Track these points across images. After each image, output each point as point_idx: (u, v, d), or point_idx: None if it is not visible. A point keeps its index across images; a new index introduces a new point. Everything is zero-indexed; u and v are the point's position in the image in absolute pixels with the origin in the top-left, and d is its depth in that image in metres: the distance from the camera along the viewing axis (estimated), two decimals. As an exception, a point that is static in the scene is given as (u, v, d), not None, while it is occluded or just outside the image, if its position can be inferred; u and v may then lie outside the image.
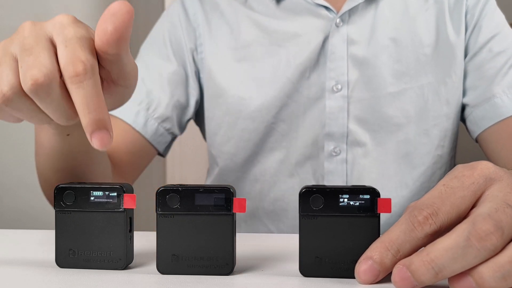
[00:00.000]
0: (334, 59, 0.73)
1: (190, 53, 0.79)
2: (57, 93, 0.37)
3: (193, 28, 0.80)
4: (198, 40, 0.79)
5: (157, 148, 0.78)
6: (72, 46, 0.37)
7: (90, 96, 0.36)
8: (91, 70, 0.37)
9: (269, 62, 0.75)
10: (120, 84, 0.42)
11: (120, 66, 0.40)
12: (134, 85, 0.44)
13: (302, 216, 0.38)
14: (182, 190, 0.38)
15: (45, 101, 0.37)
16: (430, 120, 0.73)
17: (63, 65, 0.37)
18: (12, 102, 0.38)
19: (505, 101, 0.71)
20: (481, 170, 0.36)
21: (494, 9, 0.76)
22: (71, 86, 0.37)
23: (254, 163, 0.77)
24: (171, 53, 0.79)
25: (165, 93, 0.77)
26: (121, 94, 0.43)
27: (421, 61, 0.73)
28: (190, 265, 0.38)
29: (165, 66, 0.78)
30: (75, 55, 0.37)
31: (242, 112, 0.75)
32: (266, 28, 0.76)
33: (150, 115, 0.75)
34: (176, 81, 0.78)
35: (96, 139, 0.37)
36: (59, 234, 0.40)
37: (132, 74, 0.42)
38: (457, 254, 0.32)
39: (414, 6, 0.75)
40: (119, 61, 0.39)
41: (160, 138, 0.77)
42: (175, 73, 0.78)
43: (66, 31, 0.38)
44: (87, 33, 0.39)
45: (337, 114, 0.73)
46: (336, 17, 0.74)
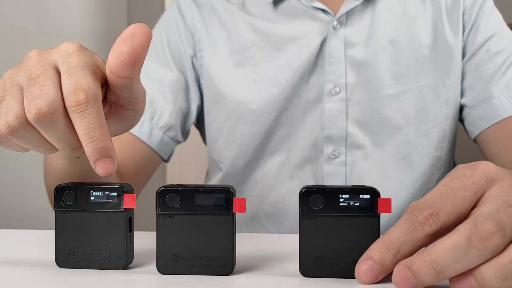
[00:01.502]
0: (332, 62, 0.73)
1: (189, 60, 0.79)
2: (61, 122, 0.37)
3: (192, 34, 0.79)
4: (197, 46, 0.79)
5: (162, 156, 0.78)
6: (75, 75, 0.37)
7: (93, 125, 0.36)
8: (93, 98, 0.37)
9: (268, 66, 0.75)
10: (128, 109, 0.42)
11: (130, 91, 0.40)
12: (142, 109, 0.44)
13: (302, 216, 0.38)
14: (182, 190, 0.38)
15: (49, 131, 0.37)
16: (429, 121, 0.73)
17: (65, 95, 0.37)
18: (18, 132, 0.38)
19: (503, 101, 0.71)
20: (482, 170, 0.36)
21: (491, 10, 0.76)
22: (73, 115, 0.37)
23: (255, 167, 0.77)
24: (170, 60, 0.79)
25: (167, 101, 0.77)
26: (129, 118, 0.43)
27: (419, 62, 0.73)
28: (190, 265, 0.38)
29: (165, 74, 0.78)
30: (77, 84, 0.37)
31: (242, 117, 0.75)
32: (264, 32, 0.76)
33: (154, 124, 0.75)
34: (177, 89, 0.78)
35: (99, 168, 0.37)
36: (59, 234, 0.40)
37: (140, 99, 0.42)
38: (458, 254, 0.31)
39: (412, 7, 0.75)
40: (131, 85, 0.39)
41: (166, 147, 0.77)
42: (176, 80, 0.78)
43: (70, 60, 0.38)
44: (91, 60, 0.39)
45: (336, 117, 0.73)
46: (334, 20, 0.74)
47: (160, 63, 0.79)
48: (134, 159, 0.75)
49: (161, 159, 0.79)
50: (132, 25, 0.37)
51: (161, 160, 0.79)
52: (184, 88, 0.79)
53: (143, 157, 0.76)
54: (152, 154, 0.77)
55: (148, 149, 0.76)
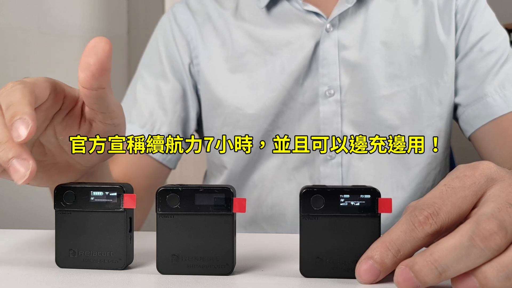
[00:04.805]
0: (326, 65, 0.73)
1: (187, 67, 0.79)
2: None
3: (187, 41, 0.80)
4: (193, 53, 0.80)
5: (168, 166, 0.79)
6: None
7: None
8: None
9: (263, 71, 0.75)
10: (108, 123, 0.43)
11: (106, 104, 0.41)
12: (122, 124, 0.44)
13: (303, 216, 0.38)
14: (182, 190, 0.38)
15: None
16: (423, 121, 0.74)
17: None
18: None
19: (497, 100, 0.71)
20: (483, 170, 0.36)
21: (484, 8, 0.76)
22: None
23: (253, 170, 0.77)
24: (168, 69, 0.79)
25: (166, 111, 0.77)
26: (112, 132, 0.44)
27: (412, 63, 0.73)
28: (190, 265, 0.38)
29: (163, 85, 0.79)
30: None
31: (240, 122, 0.76)
32: (258, 38, 0.77)
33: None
34: (175, 97, 0.78)
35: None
36: (59, 234, 0.40)
37: (117, 112, 0.43)
38: (461, 254, 0.31)
39: (404, 8, 0.75)
40: (105, 97, 0.40)
41: (170, 157, 0.78)
42: (174, 89, 0.78)
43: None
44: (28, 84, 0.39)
45: (331, 118, 0.73)
46: (327, 23, 0.74)
47: (157, 74, 0.79)
48: (144, 173, 0.76)
49: (169, 169, 0.80)
50: (93, 39, 0.38)
51: (169, 170, 0.80)
52: (182, 96, 0.79)
53: (151, 170, 0.77)
54: (159, 166, 0.78)
55: (154, 161, 0.77)
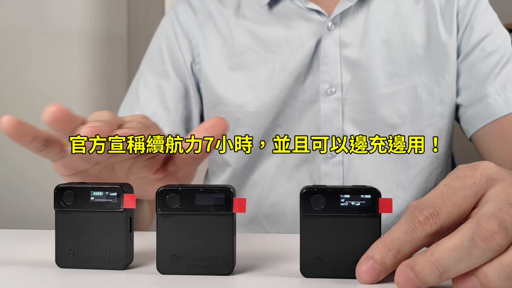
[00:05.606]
0: (327, 62, 0.73)
1: (189, 66, 0.80)
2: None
3: (189, 40, 0.80)
4: (195, 51, 0.80)
5: None
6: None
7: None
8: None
9: (264, 69, 0.75)
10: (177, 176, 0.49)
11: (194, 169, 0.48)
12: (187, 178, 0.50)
13: (303, 216, 0.38)
14: (182, 190, 0.38)
15: None
16: (424, 120, 0.74)
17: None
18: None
19: (498, 101, 0.71)
20: (483, 170, 0.36)
21: (485, 9, 0.76)
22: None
23: (253, 169, 0.77)
24: (170, 68, 0.79)
25: (169, 110, 0.77)
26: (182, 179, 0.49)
27: (413, 62, 0.73)
28: (190, 265, 0.38)
29: (165, 84, 0.79)
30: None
31: (241, 120, 0.75)
32: (259, 36, 0.77)
33: None
34: (178, 97, 0.79)
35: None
36: (59, 234, 0.40)
37: (190, 177, 0.49)
38: (461, 254, 0.31)
39: (406, 7, 0.75)
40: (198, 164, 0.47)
41: None
42: (176, 88, 0.79)
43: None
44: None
45: (331, 116, 0.73)
46: (328, 21, 0.74)
47: (159, 73, 0.80)
48: None
49: None
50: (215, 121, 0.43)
51: None
52: (184, 95, 0.79)
53: None
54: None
55: None
